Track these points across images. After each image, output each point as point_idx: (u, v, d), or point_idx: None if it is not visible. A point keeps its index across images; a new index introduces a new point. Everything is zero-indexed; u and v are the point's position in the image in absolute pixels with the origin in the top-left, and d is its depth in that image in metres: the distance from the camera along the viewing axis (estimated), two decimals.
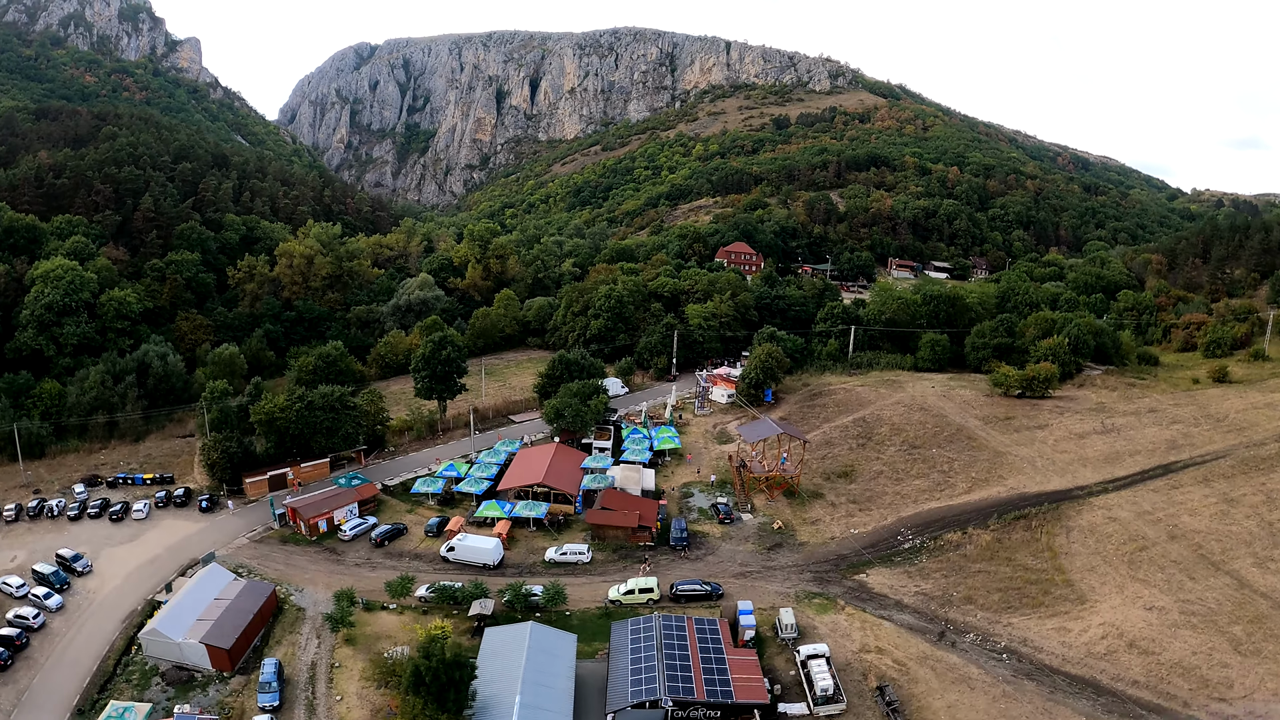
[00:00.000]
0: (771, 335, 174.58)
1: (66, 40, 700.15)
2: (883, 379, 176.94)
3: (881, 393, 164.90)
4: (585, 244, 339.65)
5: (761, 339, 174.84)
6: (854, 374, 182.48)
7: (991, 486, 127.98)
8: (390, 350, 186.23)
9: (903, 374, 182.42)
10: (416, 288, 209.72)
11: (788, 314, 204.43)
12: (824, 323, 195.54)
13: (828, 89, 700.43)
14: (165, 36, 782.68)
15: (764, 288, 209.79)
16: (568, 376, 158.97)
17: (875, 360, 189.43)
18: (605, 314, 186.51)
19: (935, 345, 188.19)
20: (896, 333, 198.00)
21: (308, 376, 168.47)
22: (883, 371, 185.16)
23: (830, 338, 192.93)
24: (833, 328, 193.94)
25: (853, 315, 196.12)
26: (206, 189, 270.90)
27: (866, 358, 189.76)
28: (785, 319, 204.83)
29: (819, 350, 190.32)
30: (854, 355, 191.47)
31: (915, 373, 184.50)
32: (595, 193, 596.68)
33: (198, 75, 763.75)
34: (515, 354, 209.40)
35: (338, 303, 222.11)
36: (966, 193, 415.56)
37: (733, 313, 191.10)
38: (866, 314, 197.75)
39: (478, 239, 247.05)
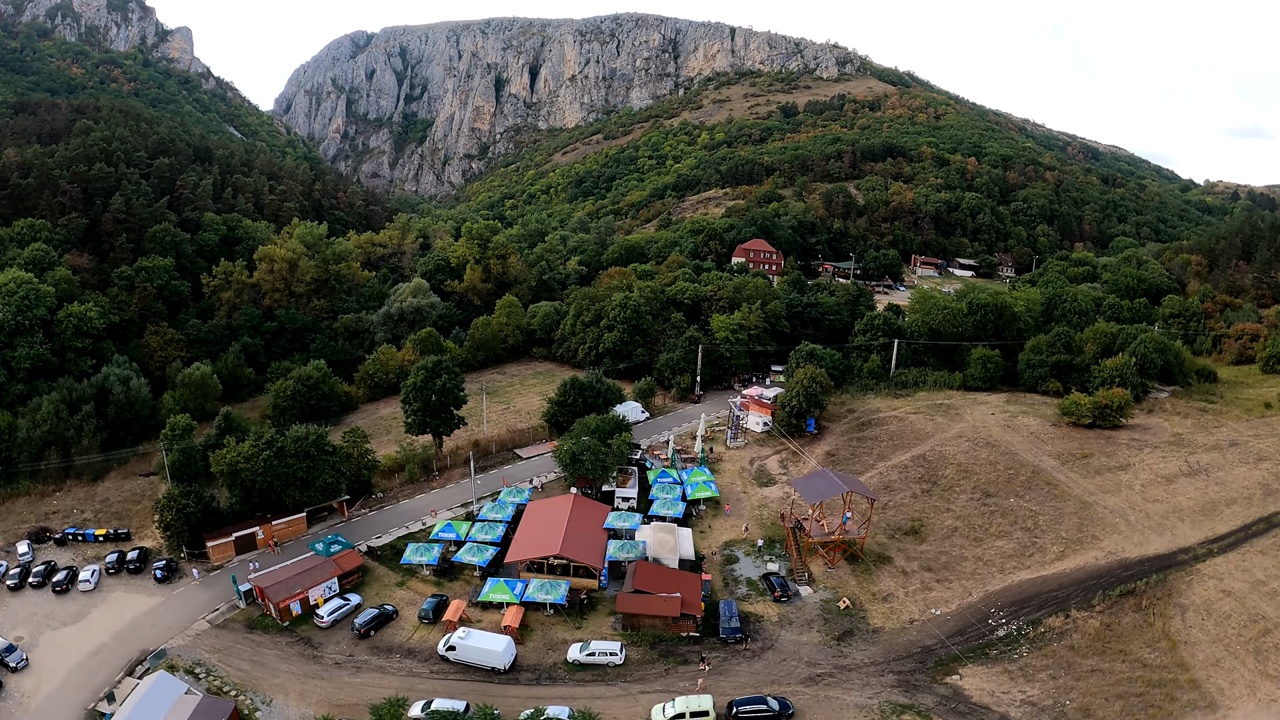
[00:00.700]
0: (811, 354, 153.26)
1: (54, 31, 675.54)
2: (934, 403, 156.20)
3: (938, 422, 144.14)
4: (591, 239, 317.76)
5: (800, 358, 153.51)
6: (900, 395, 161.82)
7: (1086, 549, 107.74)
8: (380, 368, 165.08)
9: (954, 395, 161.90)
10: (409, 294, 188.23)
11: (821, 324, 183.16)
12: (863, 335, 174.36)
13: (835, 76, 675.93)
14: (156, 26, 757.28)
15: (793, 294, 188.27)
16: (580, 404, 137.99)
17: (921, 378, 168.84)
18: (620, 326, 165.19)
19: (987, 363, 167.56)
20: (941, 346, 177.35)
21: (286, 403, 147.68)
22: (930, 392, 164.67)
23: (871, 353, 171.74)
24: (873, 341, 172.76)
25: (894, 327, 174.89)
26: (184, 186, 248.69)
27: (912, 375, 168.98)
28: (818, 329, 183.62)
29: (858, 367, 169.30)
30: (897, 372, 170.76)
31: (965, 393, 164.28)
32: (598, 183, 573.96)
33: (189, 65, 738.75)
34: (519, 367, 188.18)
35: (324, 310, 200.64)
36: (987, 185, 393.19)
37: (762, 324, 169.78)
38: (909, 326, 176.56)
39: (476, 237, 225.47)
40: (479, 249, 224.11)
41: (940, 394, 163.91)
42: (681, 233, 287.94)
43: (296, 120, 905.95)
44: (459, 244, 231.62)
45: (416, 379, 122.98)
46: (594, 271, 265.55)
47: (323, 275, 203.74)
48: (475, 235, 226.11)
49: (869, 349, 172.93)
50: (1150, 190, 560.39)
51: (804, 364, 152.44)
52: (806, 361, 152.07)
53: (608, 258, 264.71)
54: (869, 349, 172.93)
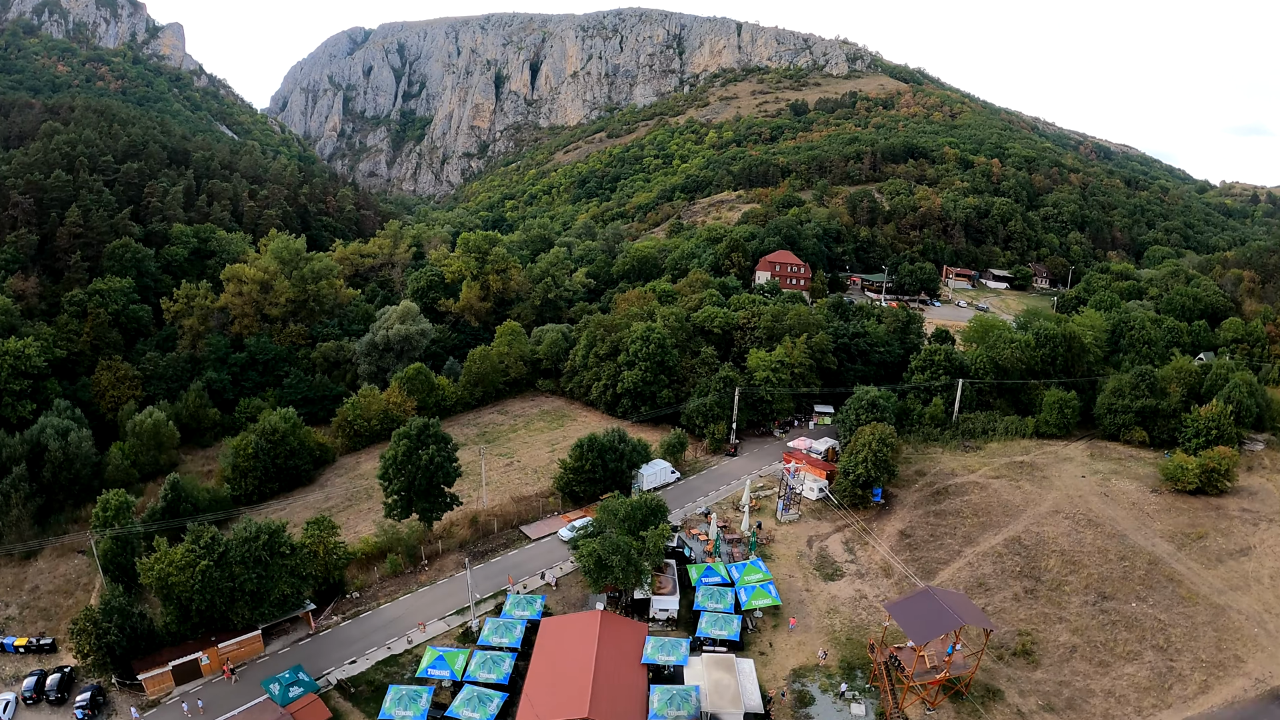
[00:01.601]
0: (873, 404, 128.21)
1: (40, 28, 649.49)
2: (1012, 460, 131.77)
3: (1025, 490, 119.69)
4: (598, 247, 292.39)
5: (859, 408, 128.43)
6: (969, 448, 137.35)
7: (1230, 676, 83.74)
8: (359, 414, 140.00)
9: (1029, 447, 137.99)
10: (396, 319, 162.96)
11: (870, 356, 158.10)
12: (921, 373, 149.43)
13: (845, 73, 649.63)
14: (147, 23, 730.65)
15: (836, 320, 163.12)
16: (600, 469, 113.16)
17: (990, 425, 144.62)
18: (642, 363, 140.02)
19: (1064, 408, 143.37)
20: (1007, 385, 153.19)
21: (247, 463, 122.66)
22: (1003, 443, 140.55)
23: (932, 395, 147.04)
24: (933, 381, 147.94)
25: (957, 364, 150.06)
26: (153, 194, 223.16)
27: (980, 422, 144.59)
28: (867, 363, 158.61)
29: (917, 411, 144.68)
30: (962, 418, 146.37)
31: (1041, 442, 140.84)
32: (602, 183, 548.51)
33: (180, 63, 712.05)
34: (523, 404, 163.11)
35: (302, 336, 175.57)
36: (1014, 189, 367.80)
37: (807, 361, 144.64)
38: (972, 361, 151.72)
39: (473, 250, 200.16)
40: (476, 263, 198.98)
41: (1014, 445, 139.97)
42: (697, 241, 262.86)
43: (293, 118, 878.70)
44: (454, 255, 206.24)
45: (397, 450, 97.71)
46: (603, 285, 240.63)
47: (300, 296, 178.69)
48: (472, 247, 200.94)
49: (929, 389, 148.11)
50: (1173, 194, 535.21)
51: (863, 415, 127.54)
52: (868, 415, 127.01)
53: (618, 269, 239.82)
54: (929, 389, 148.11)
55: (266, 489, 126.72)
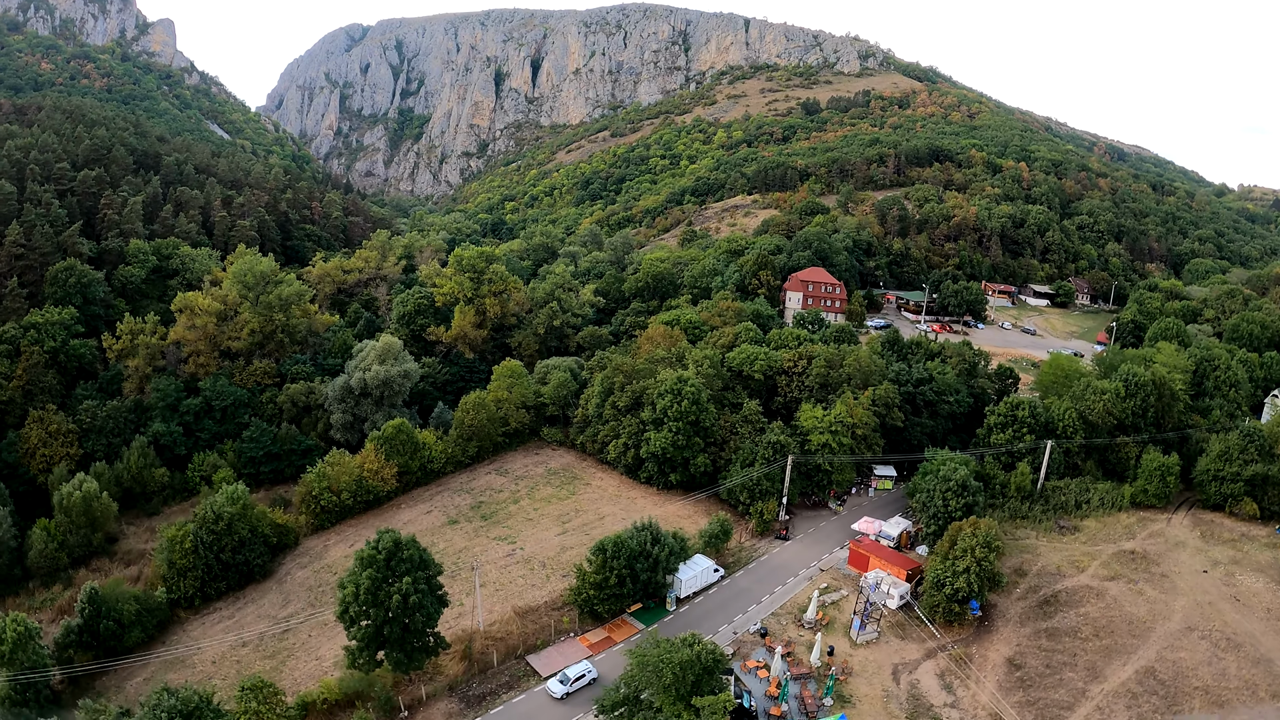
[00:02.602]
0: (963, 486, 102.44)
1: (26, 24, 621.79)
2: (1117, 547, 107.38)
3: (1148, 596, 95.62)
4: (605, 258, 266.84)
5: (945, 490, 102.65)
6: (1065, 528, 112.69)
7: None
8: (326, 486, 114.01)
9: (1131, 526, 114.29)
10: (375, 358, 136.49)
11: (938, 408, 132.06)
12: (1002, 432, 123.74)
13: (857, 71, 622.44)
14: (137, 18, 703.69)
15: (896, 362, 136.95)
16: (629, 580, 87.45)
17: (1083, 496, 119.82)
18: (673, 423, 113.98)
19: (1166, 475, 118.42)
20: (1095, 444, 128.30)
21: (184, 560, 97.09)
22: (1099, 519, 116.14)
23: (1015, 458, 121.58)
24: (1017, 441, 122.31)
25: (1043, 421, 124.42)
26: (110, 205, 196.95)
27: (1072, 492, 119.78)
28: (934, 415, 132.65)
29: (998, 479, 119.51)
30: (1050, 486, 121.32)
31: (1139, 516, 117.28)
32: (606, 184, 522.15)
33: (171, 59, 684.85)
34: (526, 459, 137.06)
35: (268, 375, 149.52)
36: (1047, 196, 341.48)
37: (871, 421, 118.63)
38: (1059, 416, 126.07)
39: (468, 269, 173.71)
40: (471, 283, 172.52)
41: (1113, 522, 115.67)
42: (716, 253, 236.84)
43: (288, 116, 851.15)
44: (447, 273, 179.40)
45: (360, 582, 71.61)
46: (614, 303, 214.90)
47: (267, 327, 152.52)
48: (466, 266, 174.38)
49: (1012, 453, 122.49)
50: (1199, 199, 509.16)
51: (952, 501, 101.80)
52: (957, 500, 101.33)
53: (630, 286, 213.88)
54: (1012, 453, 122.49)
55: (211, 590, 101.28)
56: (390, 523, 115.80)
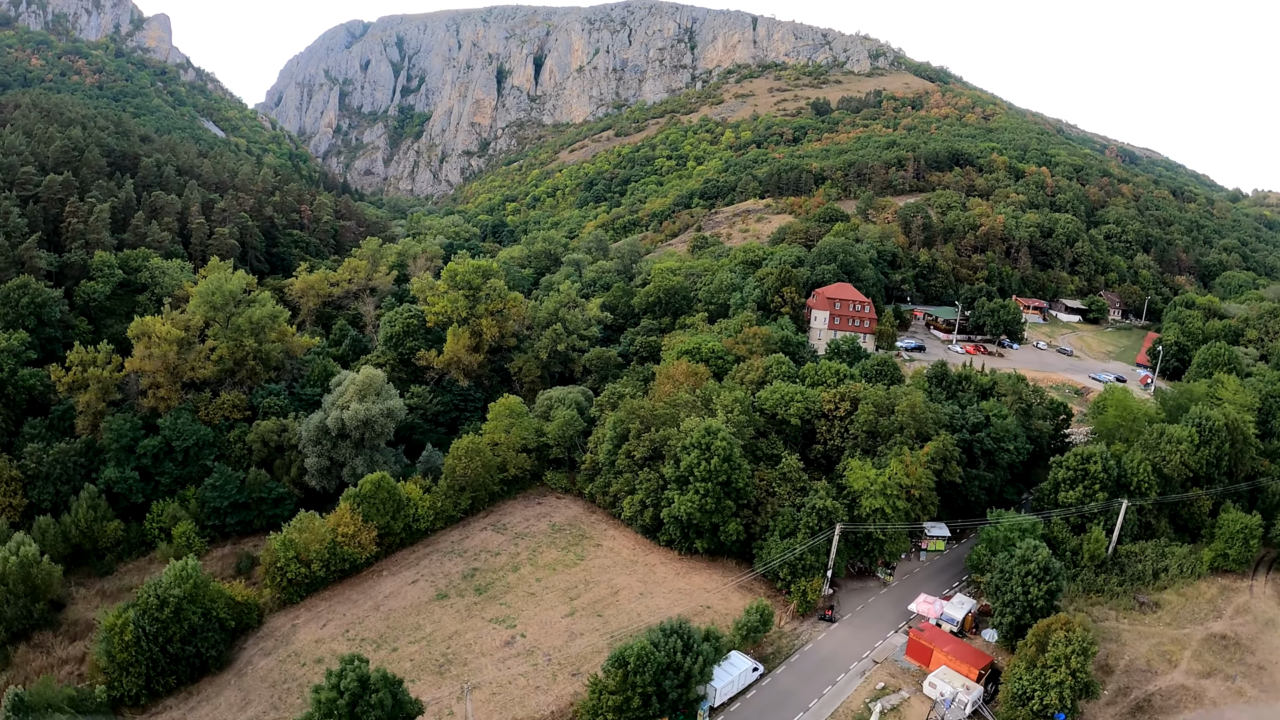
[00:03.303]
0: (1045, 570, 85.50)
1: (17, 19, 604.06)
2: (1206, 629, 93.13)
3: (1250, 697, 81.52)
4: (612, 267, 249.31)
5: (1025, 575, 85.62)
6: (1144, 604, 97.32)
7: None
8: (293, 555, 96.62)
9: (1215, 598, 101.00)
10: (354, 394, 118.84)
11: (997, 458, 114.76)
12: (1071, 488, 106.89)
13: (868, 71, 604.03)
14: (131, 14, 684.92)
15: (948, 404, 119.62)
16: (654, 699, 70.30)
17: (1160, 563, 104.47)
18: (701, 484, 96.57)
19: (1249, 537, 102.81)
20: (1169, 500, 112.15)
21: (125, 655, 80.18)
22: (1180, 591, 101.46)
23: (1088, 519, 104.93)
24: (1089, 500, 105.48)
25: (1115, 476, 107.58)
26: (75, 213, 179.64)
27: (1149, 558, 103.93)
28: (993, 465, 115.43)
29: (1068, 544, 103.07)
30: (1125, 550, 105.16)
31: (1219, 584, 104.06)
32: (611, 185, 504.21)
33: (166, 56, 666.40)
34: (526, 511, 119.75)
35: (238, 409, 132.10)
36: (1072, 203, 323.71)
37: (929, 480, 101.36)
38: (1133, 469, 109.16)
39: (462, 285, 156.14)
40: (466, 302, 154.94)
41: (1195, 595, 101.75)
42: (731, 263, 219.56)
43: (287, 114, 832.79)
44: (440, 287, 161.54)
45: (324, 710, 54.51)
46: (622, 319, 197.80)
47: (237, 353, 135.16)
48: (461, 282, 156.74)
49: (1081, 513, 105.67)
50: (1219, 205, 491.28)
51: (1033, 588, 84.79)
52: (1039, 586, 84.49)
53: (640, 301, 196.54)
54: (1081, 513, 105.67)
55: (158, 685, 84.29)
56: (370, 595, 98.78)
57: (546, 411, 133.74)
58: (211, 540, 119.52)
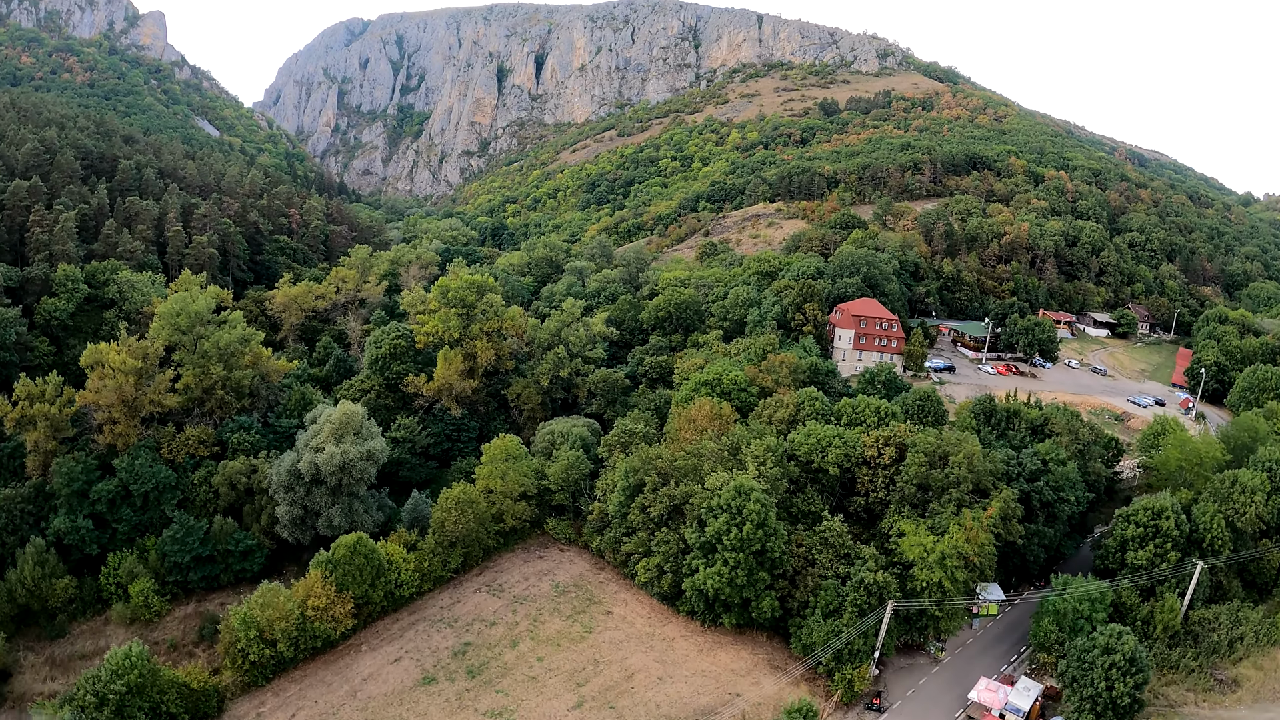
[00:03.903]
0: (1131, 661, 72.35)
1: (8, 17, 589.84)
2: None
3: None
4: (617, 276, 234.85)
5: (1113, 669, 72.24)
6: (1222, 682, 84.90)
7: None
8: (255, 634, 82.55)
9: None
10: (331, 434, 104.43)
11: (1056, 511, 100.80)
12: (1140, 547, 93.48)
13: (876, 70, 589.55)
14: (126, 10, 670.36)
15: (999, 444, 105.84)
16: None
17: (1236, 631, 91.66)
18: (730, 554, 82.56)
19: None
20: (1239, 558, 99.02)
21: None
22: (1256, 660, 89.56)
23: (1158, 584, 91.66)
24: (1160, 560, 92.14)
25: (1185, 531, 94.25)
26: (39, 222, 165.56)
27: (1223, 626, 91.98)
28: (1051, 519, 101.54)
29: (1138, 613, 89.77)
30: (1198, 617, 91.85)
31: None
32: (614, 187, 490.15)
33: (161, 53, 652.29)
34: (525, 567, 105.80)
35: (205, 444, 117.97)
36: (1094, 209, 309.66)
37: (990, 545, 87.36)
38: (1205, 524, 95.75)
39: (455, 302, 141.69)
40: (459, 321, 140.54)
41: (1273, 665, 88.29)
42: (745, 274, 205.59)
43: (285, 113, 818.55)
44: (431, 301, 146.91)
45: None
46: (629, 335, 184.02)
47: (204, 382, 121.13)
48: (454, 299, 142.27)
49: (1152, 575, 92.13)
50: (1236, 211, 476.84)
51: (1118, 682, 71.33)
52: (1124, 681, 71.28)
53: (648, 316, 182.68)
54: (1152, 575, 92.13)
55: None
56: (346, 677, 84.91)
57: (548, 448, 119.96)
58: (173, 598, 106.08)
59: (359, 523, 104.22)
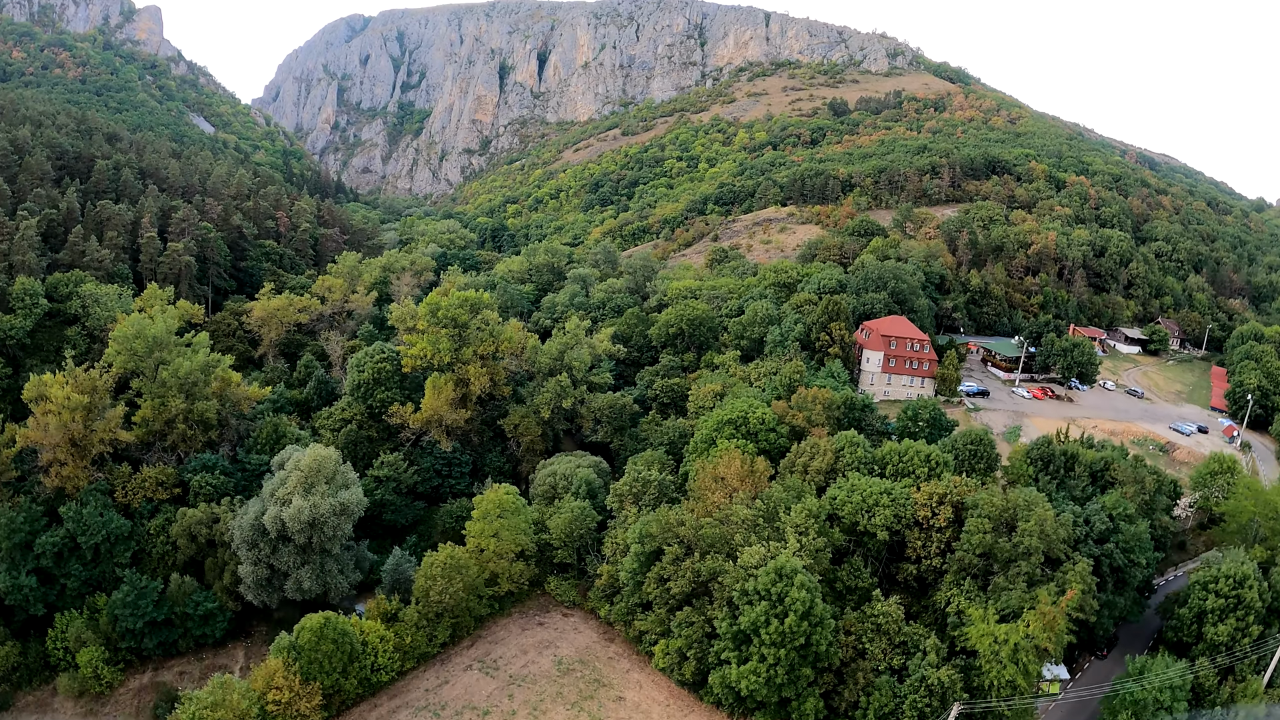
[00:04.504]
0: None
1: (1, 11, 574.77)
2: None
3: None
4: (622, 285, 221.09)
5: None
6: None
7: None
8: None
9: None
10: (298, 485, 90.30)
11: (1128, 577, 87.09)
12: (1219, 621, 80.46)
13: (885, 70, 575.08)
14: (121, 5, 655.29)
15: (1061, 497, 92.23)
16: None
17: None
18: (769, 649, 68.79)
19: None
20: None
21: None
22: None
23: (1238, 664, 78.01)
24: (1240, 637, 78.96)
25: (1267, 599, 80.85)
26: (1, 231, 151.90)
27: None
28: (1120, 587, 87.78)
29: (1217, 696, 77.02)
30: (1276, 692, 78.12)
31: None
32: (618, 188, 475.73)
33: (157, 48, 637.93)
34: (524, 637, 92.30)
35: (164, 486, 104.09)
36: (1118, 217, 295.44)
37: (1063, 628, 73.74)
38: None
39: (446, 321, 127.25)
40: (450, 343, 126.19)
41: None
42: (762, 285, 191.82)
43: (284, 109, 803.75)
44: (420, 317, 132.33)
45: None
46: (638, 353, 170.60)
47: (163, 415, 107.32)
48: (444, 318, 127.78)
49: (1233, 653, 78.55)
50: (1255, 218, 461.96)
51: None
52: None
53: (659, 333, 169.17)
54: (1233, 653, 78.55)
55: None
56: None
57: (550, 493, 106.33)
58: (127, 665, 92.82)
59: (332, 586, 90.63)
